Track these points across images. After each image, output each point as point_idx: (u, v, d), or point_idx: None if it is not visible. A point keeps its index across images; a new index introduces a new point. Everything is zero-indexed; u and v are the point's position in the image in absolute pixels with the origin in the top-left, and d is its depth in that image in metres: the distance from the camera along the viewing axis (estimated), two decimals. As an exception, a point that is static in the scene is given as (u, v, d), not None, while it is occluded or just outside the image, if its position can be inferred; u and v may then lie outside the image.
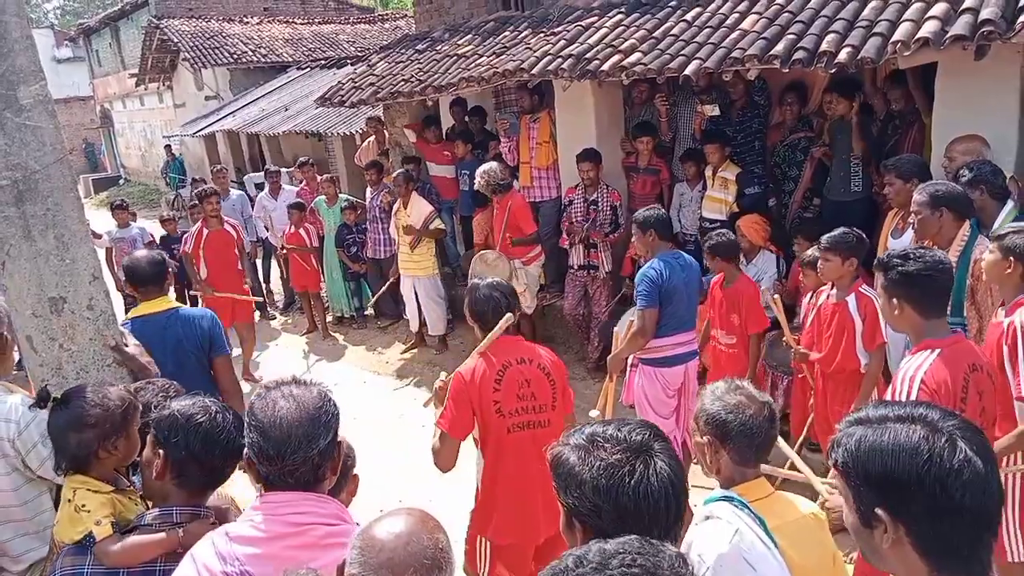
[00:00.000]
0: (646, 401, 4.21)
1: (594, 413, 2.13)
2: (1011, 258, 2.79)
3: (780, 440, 2.28)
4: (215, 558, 1.56)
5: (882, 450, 1.14)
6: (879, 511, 1.14)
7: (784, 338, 4.21)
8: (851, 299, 3.74)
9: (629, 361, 4.35)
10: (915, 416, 1.17)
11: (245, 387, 7.20)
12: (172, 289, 8.61)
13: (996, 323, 2.90)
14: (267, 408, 1.60)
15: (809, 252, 4.33)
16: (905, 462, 1.12)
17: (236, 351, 8.09)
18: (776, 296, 4.11)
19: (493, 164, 6.33)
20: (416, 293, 7.20)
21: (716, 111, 5.82)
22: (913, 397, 2.34)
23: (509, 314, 2.88)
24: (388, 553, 1.26)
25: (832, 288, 3.88)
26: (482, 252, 6.20)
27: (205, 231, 6.94)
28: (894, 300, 2.47)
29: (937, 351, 2.40)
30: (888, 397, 2.50)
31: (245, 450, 1.64)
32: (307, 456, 1.58)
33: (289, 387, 1.65)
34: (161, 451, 1.83)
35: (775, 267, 5.24)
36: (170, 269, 3.48)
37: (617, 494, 1.25)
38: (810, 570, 1.82)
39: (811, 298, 4.26)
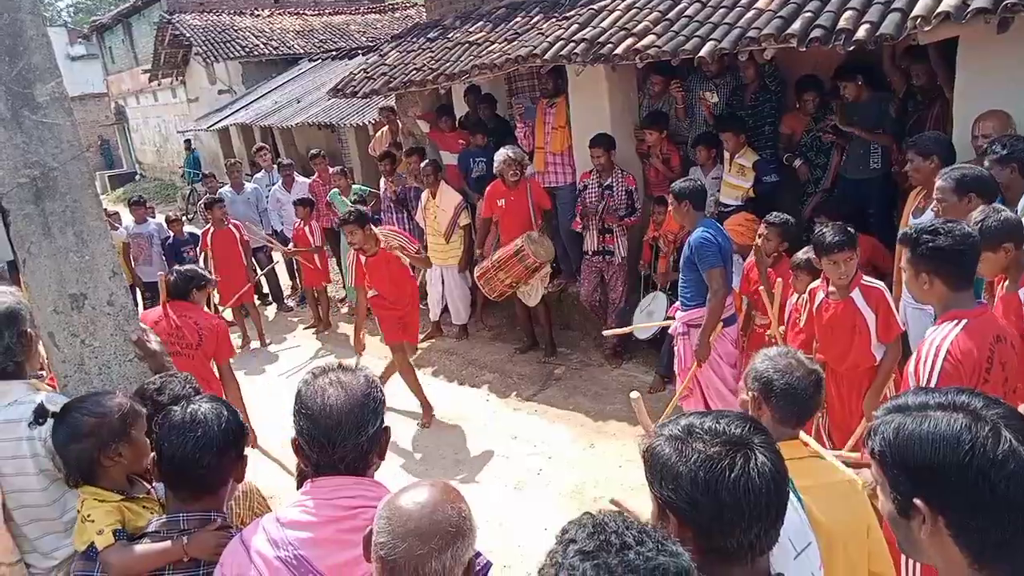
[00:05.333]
0: (719, 358, 4.41)
1: (634, 395, 2.16)
2: (1005, 244, 2.73)
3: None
4: (268, 544, 1.58)
5: (921, 439, 1.11)
6: (917, 501, 1.11)
7: (769, 332, 4.14)
8: (856, 295, 3.54)
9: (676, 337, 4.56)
10: (957, 404, 1.13)
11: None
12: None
13: (1009, 295, 2.86)
14: (316, 395, 1.62)
15: (801, 254, 4.12)
16: (946, 452, 1.08)
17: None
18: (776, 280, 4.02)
19: (516, 148, 6.34)
20: (444, 282, 7.21)
21: (715, 98, 5.78)
22: (939, 366, 2.35)
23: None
24: (415, 522, 1.30)
25: (829, 285, 3.66)
26: (528, 232, 6.19)
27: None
28: (923, 274, 2.47)
29: (964, 321, 2.41)
30: (913, 366, 2.47)
31: (293, 436, 1.65)
32: (357, 442, 1.61)
33: (336, 374, 1.66)
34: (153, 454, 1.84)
35: None
36: None
37: (716, 488, 1.20)
38: (837, 534, 1.82)
39: (798, 299, 4.10)
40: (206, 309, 4.59)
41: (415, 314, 5.92)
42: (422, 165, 7.14)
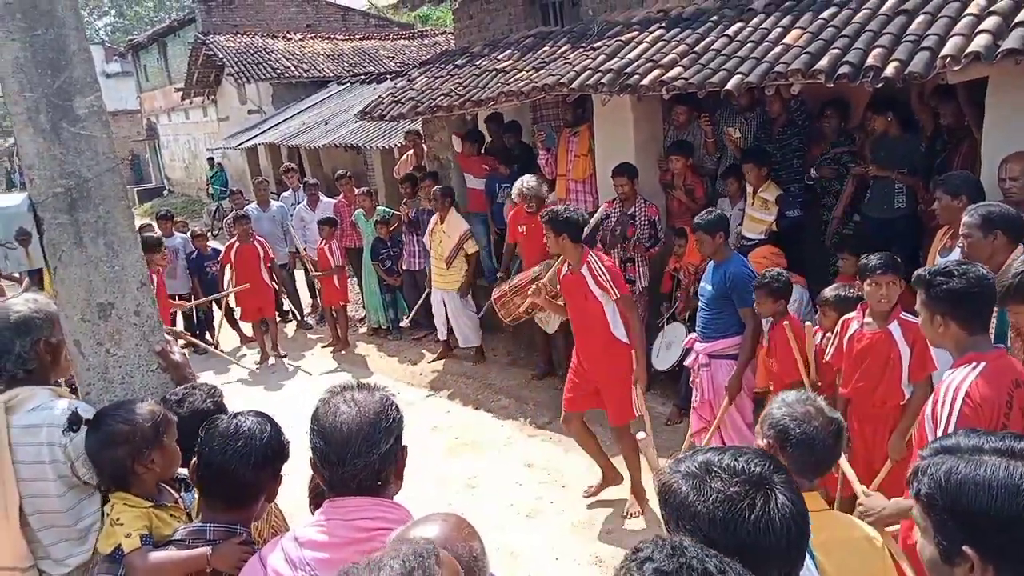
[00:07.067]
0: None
1: (641, 435, 2.10)
2: None
3: None
4: (285, 564, 1.57)
5: (977, 484, 1.07)
6: (967, 549, 1.07)
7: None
8: (894, 327, 3.50)
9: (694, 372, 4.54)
10: (1015, 451, 1.10)
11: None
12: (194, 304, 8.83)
13: None
14: (329, 413, 1.62)
15: (829, 291, 4.06)
16: (1005, 500, 1.05)
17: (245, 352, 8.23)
18: (809, 325, 3.86)
19: (534, 180, 6.35)
20: (445, 306, 7.29)
21: (737, 134, 5.79)
22: (957, 410, 2.29)
23: None
24: None
25: (865, 316, 3.62)
26: (547, 260, 6.19)
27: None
28: (937, 317, 2.42)
29: (982, 365, 2.34)
30: (930, 409, 2.41)
31: (310, 455, 1.65)
32: (368, 461, 1.59)
33: (352, 392, 1.66)
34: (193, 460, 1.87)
35: (804, 298, 4.97)
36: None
37: (736, 529, 1.16)
38: None
39: (822, 339, 4.01)
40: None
41: (616, 388, 4.45)
42: (433, 189, 7.28)
